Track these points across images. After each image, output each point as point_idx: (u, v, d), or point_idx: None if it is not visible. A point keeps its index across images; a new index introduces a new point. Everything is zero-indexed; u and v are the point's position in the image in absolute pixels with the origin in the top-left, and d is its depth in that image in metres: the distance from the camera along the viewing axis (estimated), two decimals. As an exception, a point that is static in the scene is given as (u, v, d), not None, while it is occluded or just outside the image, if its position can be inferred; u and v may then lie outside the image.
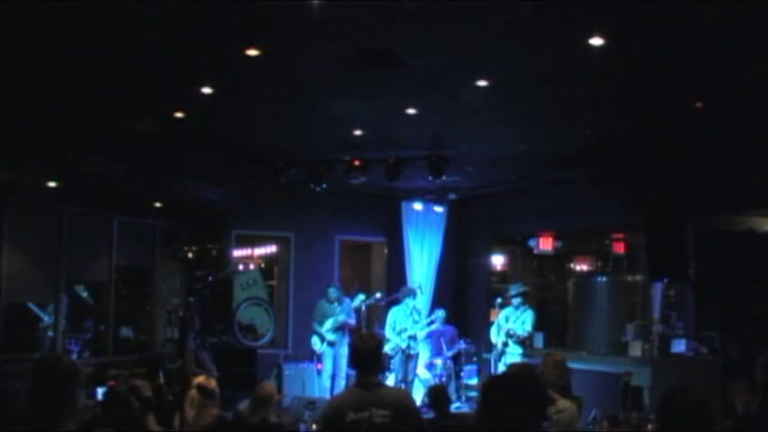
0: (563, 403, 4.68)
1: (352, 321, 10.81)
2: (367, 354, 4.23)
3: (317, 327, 10.82)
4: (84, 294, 11.05)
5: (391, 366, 10.51)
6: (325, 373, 10.67)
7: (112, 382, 5.42)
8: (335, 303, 10.75)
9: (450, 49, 5.90)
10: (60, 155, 8.28)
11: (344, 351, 10.63)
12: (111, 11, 5.18)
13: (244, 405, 5.61)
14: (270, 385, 5.59)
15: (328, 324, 10.65)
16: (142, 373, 5.94)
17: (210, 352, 10.34)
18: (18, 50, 6.03)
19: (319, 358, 10.81)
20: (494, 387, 2.81)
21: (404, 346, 10.41)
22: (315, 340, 10.76)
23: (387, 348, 10.22)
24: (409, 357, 10.52)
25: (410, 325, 10.58)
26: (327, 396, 9.83)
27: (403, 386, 9.98)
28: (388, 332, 10.57)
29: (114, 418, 3.99)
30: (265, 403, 5.44)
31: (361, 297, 10.83)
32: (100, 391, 5.51)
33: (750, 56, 5.87)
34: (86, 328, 11.00)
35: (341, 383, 10.57)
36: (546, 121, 8.11)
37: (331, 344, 10.63)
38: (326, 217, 12.14)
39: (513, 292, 10.31)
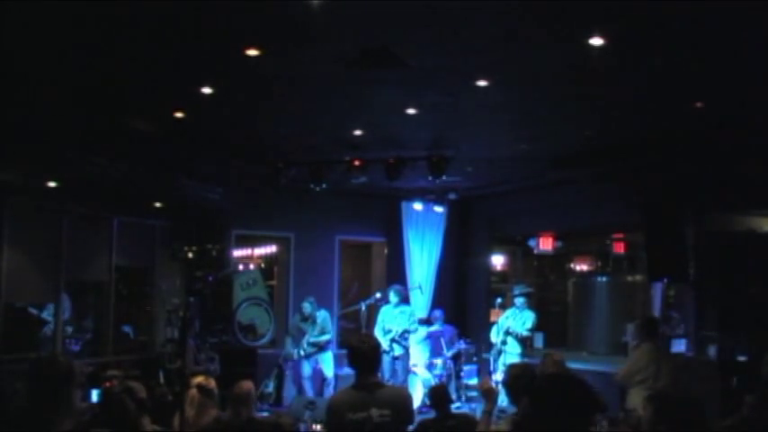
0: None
1: (327, 337, 10.75)
2: (366, 354, 4.22)
3: (289, 344, 10.90)
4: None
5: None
6: (305, 375, 10.72)
7: (108, 384, 5.42)
8: (309, 321, 10.71)
9: (450, 49, 5.90)
10: (60, 155, 8.28)
11: (327, 356, 10.73)
12: (111, 11, 5.18)
13: (225, 413, 5.57)
14: (246, 383, 5.55)
15: (304, 344, 10.66)
16: (137, 375, 5.93)
17: (210, 352, 10.34)
18: (18, 50, 6.03)
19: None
20: (545, 391, 2.81)
21: (386, 347, 10.24)
22: (290, 349, 10.85)
23: None
24: (395, 359, 10.46)
25: (395, 325, 10.54)
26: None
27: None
28: (376, 331, 10.50)
29: (110, 419, 4.00)
30: (245, 401, 5.41)
31: (325, 314, 10.79)
32: (94, 393, 5.51)
33: (750, 56, 5.87)
34: (86, 328, 11.02)
35: (328, 385, 10.64)
36: (546, 121, 8.10)
37: (308, 355, 10.68)
38: (326, 217, 12.14)
39: (517, 291, 10.37)
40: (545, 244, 12.89)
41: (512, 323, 10.05)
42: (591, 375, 8.20)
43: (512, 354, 9.85)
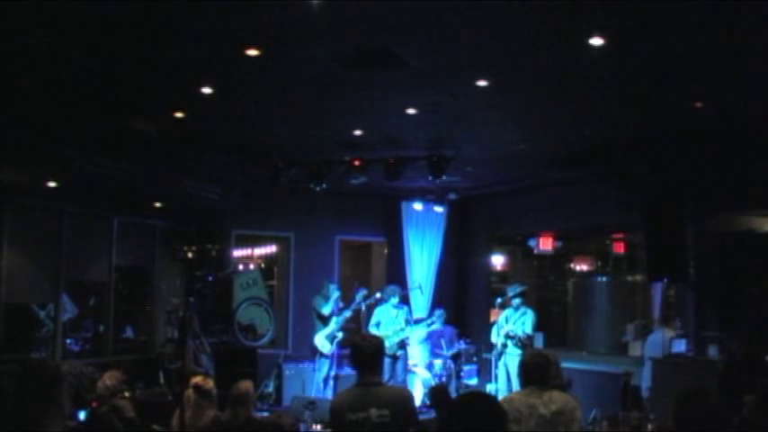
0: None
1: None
2: (369, 353, 4.21)
3: (321, 307, 10.61)
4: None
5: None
6: (321, 374, 10.59)
7: (94, 405, 5.40)
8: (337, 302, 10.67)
9: (450, 49, 5.90)
10: (60, 155, 8.28)
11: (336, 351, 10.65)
12: (111, 10, 5.19)
13: (224, 414, 5.54)
14: (244, 383, 5.53)
15: (334, 322, 10.56)
16: (124, 391, 5.87)
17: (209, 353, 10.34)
18: (18, 50, 6.03)
19: (322, 356, 10.64)
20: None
21: (390, 351, 10.09)
22: (323, 342, 10.57)
23: None
24: (395, 359, 10.40)
25: (392, 326, 10.41)
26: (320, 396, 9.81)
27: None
28: (369, 329, 10.33)
29: None
30: (243, 401, 5.38)
31: (363, 292, 10.71)
32: (81, 414, 5.48)
33: (750, 56, 5.87)
34: (86, 328, 11.01)
35: (330, 383, 10.55)
36: (546, 121, 8.10)
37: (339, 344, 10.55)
38: (326, 217, 12.15)
39: (511, 293, 10.19)
40: (545, 244, 12.88)
41: (511, 326, 9.92)
42: (591, 375, 8.23)
43: (512, 355, 9.76)
